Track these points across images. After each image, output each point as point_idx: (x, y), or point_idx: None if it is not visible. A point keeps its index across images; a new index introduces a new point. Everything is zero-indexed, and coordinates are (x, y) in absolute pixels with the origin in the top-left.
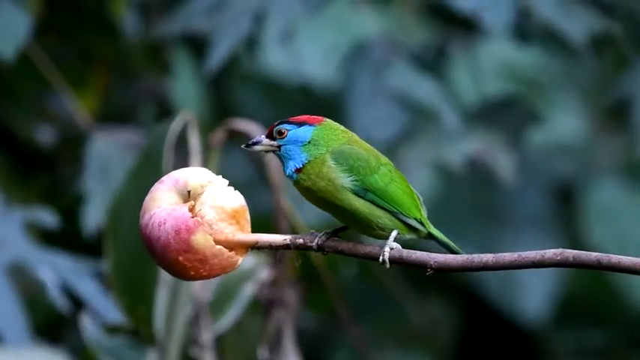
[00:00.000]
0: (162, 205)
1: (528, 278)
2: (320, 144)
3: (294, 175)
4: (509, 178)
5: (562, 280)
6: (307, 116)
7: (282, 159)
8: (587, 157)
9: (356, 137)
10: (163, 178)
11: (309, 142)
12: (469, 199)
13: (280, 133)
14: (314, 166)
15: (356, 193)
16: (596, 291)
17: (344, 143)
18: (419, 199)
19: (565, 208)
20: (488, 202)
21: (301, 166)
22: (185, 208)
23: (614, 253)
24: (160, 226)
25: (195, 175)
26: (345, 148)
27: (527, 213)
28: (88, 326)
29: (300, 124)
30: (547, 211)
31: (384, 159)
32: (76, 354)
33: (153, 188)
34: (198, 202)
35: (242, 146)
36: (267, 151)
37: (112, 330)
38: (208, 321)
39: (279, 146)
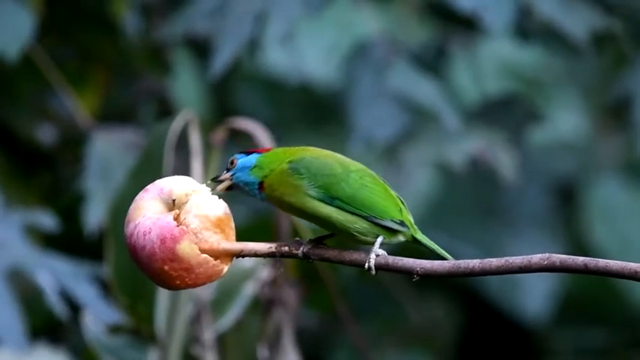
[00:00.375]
0: (147, 214)
1: (528, 277)
2: (262, 167)
3: (262, 194)
4: (510, 177)
5: (562, 279)
6: (262, 148)
7: (241, 187)
8: (589, 156)
9: (315, 151)
10: (148, 187)
11: (254, 166)
12: (470, 198)
13: (232, 162)
14: (274, 177)
15: (322, 201)
16: (597, 290)
17: (298, 157)
18: (402, 202)
19: (566, 207)
20: (490, 201)
21: (257, 183)
22: (170, 217)
23: (615, 252)
24: (145, 235)
25: (180, 184)
26: (305, 157)
27: (528, 212)
28: (89, 326)
29: (250, 153)
30: (548, 210)
31: (355, 166)
32: (77, 354)
33: (137, 197)
34: (183, 211)
35: (209, 181)
36: (229, 187)
37: (114, 329)
38: (209, 320)
39: (232, 176)
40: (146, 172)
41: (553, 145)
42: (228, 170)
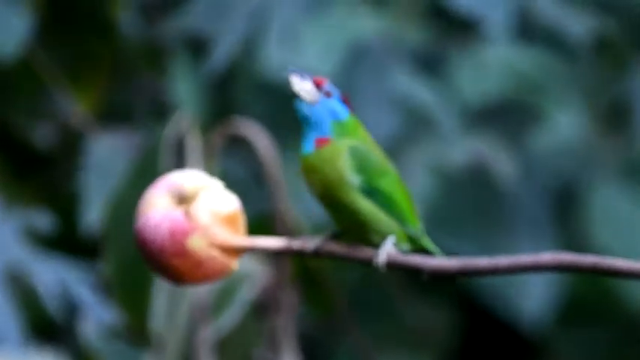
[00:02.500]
0: (157, 208)
1: (528, 280)
2: (345, 129)
3: (311, 146)
4: (509, 180)
5: (562, 281)
6: (346, 97)
7: (309, 117)
8: (589, 159)
9: (369, 137)
10: (158, 182)
11: (339, 122)
12: (469, 200)
13: (328, 93)
14: (330, 151)
15: (362, 193)
16: (598, 293)
17: (362, 138)
18: (417, 212)
19: (566, 210)
20: (489, 204)
21: (324, 137)
22: (180, 211)
23: (617, 255)
24: (154, 229)
25: (191, 179)
26: (360, 145)
27: (527, 215)
28: (86, 327)
29: (343, 101)
30: (548, 213)
31: (390, 166)
32: (75, 356)
33: (147, 192)
34: (194, 206)
35: (289, 70)
36: (302, 96)
37: (111, 331)
38: (208, 322)
39: (317, 102)
40: (144, 173)
41: (553, 148)
42: (319, 88)
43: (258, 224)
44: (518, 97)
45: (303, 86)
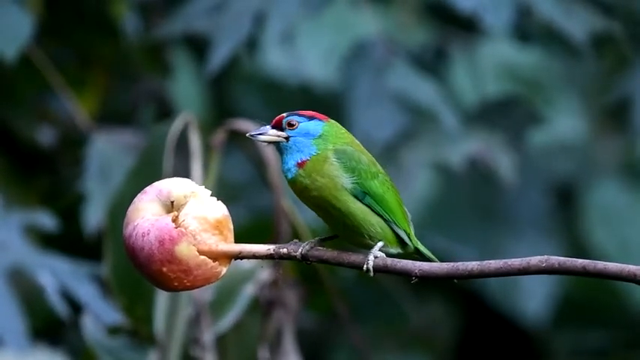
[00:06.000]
0: (146, 215)
1: (528, 279)
2: (328, 139)
3: (294, 170)
4: (509, 179)
5: (561, 280)
6: (313, 112)
7: (286, 151)
8: (588, 158)
9: (356, 140)
10: (147, 189)
11: (319, 136)
12: (469, 199)
13: (291, 124)
14: (315, 163)
15: (355, 196)
16: (596, 292)
17: (346, 143)
18: (407, 214)
19: (565, 209)
20: (489, 203)
21: (308, 158)
22: (168, 218)
23: (615, 253)
24: (143, 236)
25: (179, 186)
26: (347, 149)
27: (527, 214)
28: (88, 327)
29: (310, 117)
30: (547, 212)
31: (380, 168)
32: (76, 355)
33: (136, 199)
34: (182, 213)
35: (247, 134)
36: (271, 142)
37: (113, 331)
38: (209, 321)
39: (287, 137)
40: (145, 173)
41: (552, 147)
42: (282, 129)
43: (259, 224)
44: (517, 96)
45: (267, 136)
